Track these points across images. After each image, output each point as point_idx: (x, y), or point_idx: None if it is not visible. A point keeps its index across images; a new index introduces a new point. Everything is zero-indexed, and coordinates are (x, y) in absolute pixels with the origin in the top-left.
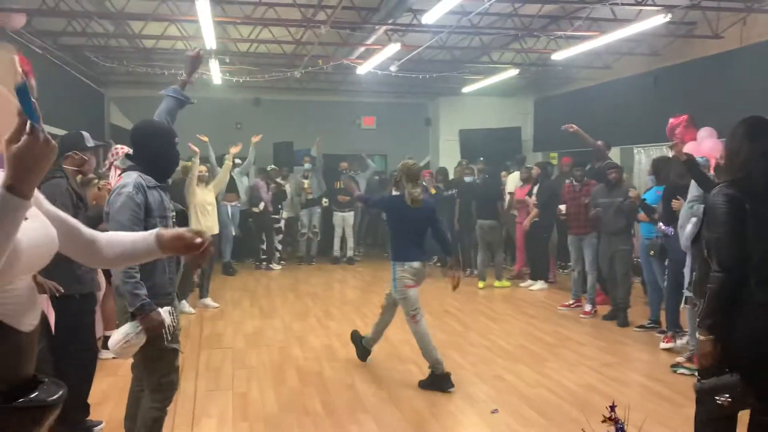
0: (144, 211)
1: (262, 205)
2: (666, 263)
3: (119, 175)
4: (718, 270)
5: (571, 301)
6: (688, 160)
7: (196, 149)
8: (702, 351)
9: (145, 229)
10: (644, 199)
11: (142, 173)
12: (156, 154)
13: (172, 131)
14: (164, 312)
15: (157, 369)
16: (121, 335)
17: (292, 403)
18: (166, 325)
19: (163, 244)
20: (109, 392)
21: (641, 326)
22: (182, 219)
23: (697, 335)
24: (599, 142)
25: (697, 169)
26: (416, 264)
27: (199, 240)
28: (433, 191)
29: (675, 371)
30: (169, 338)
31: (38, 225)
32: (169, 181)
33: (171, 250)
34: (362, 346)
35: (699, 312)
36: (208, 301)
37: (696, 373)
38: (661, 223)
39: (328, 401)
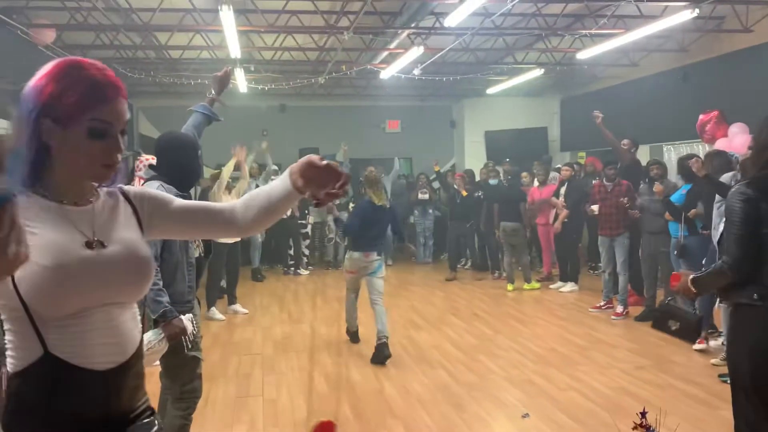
0: None
1: (288, 212)
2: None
3: (142, 184)
4: (725, 267)
5: (602, 303)
6: (707, 175)
7: (241, 150)
8: (684, 289)
9: (163, 242)
10: (668, 197)
11: (164, 183)
12: (179, 164)
13: (196, 143)
14: (186, 319)
15: (179, 377)
16: (144, 342)
17: (322, 408)
18: (188, 333)
19: (295, 180)
20: None
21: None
22: None
23: (689, 281)
24: (625, 141)
25: (717, 182)
26: (356, 254)
27: (329, 163)
28: (464, 193)
29: (725, 381)
30: (190, 346)
31: (111, 250)
32: (198, 188)
33: (307, 185)
34: (350, 333)
35: (701, 275)
36: (238, 307)
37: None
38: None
39: (357, 406)
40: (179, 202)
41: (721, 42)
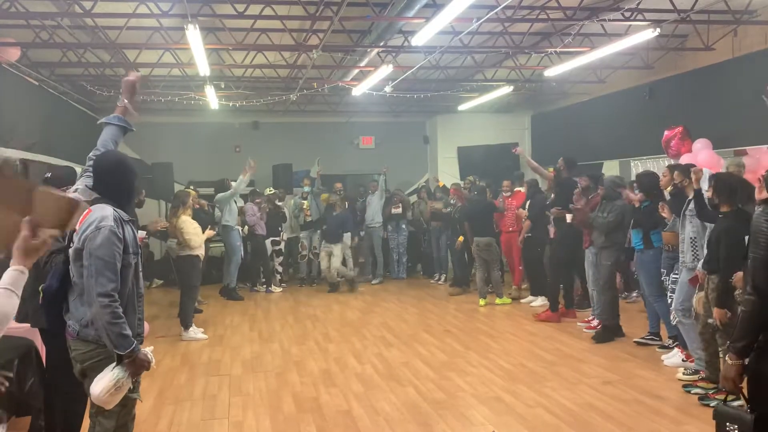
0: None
1: (245, 229)
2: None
3: (87, 207)
4: (751, 293)
5: (591, 318)
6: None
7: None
8: (727, 374)
9: (122, 266)
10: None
11: (115, 207)
12: (130, 188)
13: (133, 164)
14: (149, 351)
15: (115, 418)
16: (111, 381)
17: (288, 430)
18: (151, 366)
19: None
20: None
21: (642, 339)
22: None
23: (726, 358)
24: (559, 160)
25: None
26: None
27: None
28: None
29: (689, 392)
30: (132, 387)
31: None
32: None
33: None
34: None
35: (735, 337)
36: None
37: (710, 392)
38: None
39: (323, 427)
40: None
41: (684, 59)
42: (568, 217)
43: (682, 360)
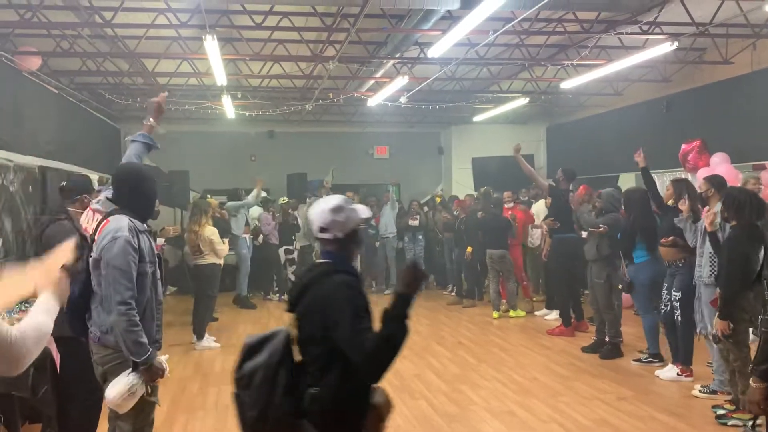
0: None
1: (260, 239)
2: (676, 294)
3: (101, 219)
4: None
5: None
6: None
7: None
8: (752, 398)
9: (138, 274)
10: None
11: (131, 218)
12: (146, 197)
13: (154, 175)
14: (164, 360)
15: (133, 422)
16: (125, 386)
17: None
18: (166, 374)
19: None
20: None
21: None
22: (160, 264)
23: (750, 381)
24: (558, 172)
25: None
26: None
27: None
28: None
29: (717, 412)
30: (150, 391)
31: None
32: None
33: None
34: None
35: (759, 363)
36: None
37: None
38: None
39: None
40: None
41: (702, 73)
42: (584, 234)
43: (677, 374)
